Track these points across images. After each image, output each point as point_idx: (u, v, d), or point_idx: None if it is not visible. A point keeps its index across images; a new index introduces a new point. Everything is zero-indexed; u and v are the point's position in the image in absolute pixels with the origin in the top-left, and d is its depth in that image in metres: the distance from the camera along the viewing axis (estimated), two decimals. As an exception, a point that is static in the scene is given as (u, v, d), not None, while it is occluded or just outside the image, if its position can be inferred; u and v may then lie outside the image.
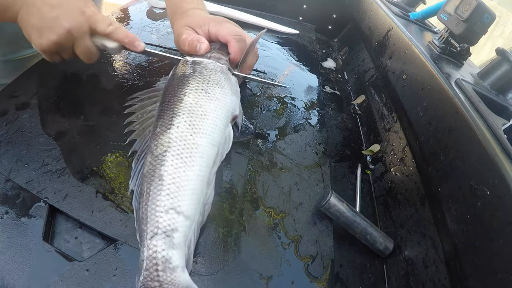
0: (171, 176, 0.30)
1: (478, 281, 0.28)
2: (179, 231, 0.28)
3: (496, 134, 0.34)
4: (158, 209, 0.29)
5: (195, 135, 0.33)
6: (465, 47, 0.54)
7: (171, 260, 0.26)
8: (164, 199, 0.29)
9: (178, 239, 0.28)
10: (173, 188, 0.30)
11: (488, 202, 0.29)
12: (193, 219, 0.30)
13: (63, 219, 0.31)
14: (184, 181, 0.30)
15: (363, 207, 0.46)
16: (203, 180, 0.32)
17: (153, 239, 0.27)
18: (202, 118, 0.35)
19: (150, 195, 0.29)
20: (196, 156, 0.32)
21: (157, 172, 0.30)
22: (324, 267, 0.33)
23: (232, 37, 0.45)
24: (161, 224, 0.28)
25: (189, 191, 0.30)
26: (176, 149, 0.32)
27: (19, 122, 0.38)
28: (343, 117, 0.64)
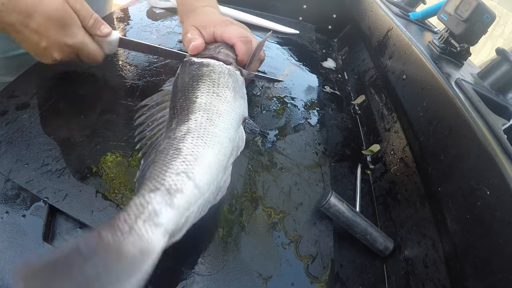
0: (189, 150, 0.29)
1: (478, 281, 0.28)
2: (183, 193, 0.26)
3: (496, 134, 0.34)
4: (169, 170, 0.27)
5: (213, 126, 0.33)
6: (465, 47, 0.54)
7: (160, 215, 0.24)
8: (178, 164, 0.28)
9: (179, 200, 0.25)
10: (190, 158, 0.29)
11: (488, 202, 0.29)
12: (202, 192, 0.28)
13: (63, 219, 0.31)
14: (202, 155, 0.29)
15: (363, 207, 0.46)
16: (221, 163, 0.31)
17: (152, 192, 0.25)
18: (218, 116, 0.35)
19: (164, 160, 0.28)
20: (215, 141, 0.32)
21: (175, 146, 0.29)
22: (324, 267, 0.33)
23: (238, 39, 0.44)
24: (167, 182, 0.26)
25: (206, 165, 0.29)
26: (196, 133, 0.31)
27: (19, 122, 0.38)
28: (343, 117, 0.64)
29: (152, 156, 0.31)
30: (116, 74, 0.49)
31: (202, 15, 0.49)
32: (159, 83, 0.47)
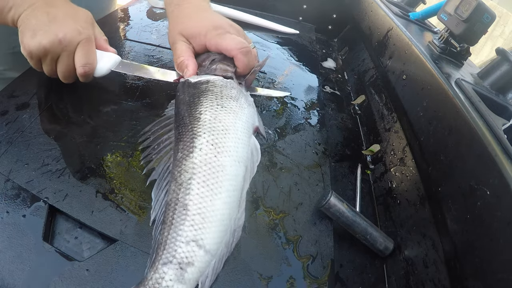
0: (196, 206, 0.29)
1: (478, 281, 0.28)
2: (194, 266, 0.27)
3: (496, 134, 0.34)
4: (179, 238, 0.27)
5: (219, 155, 0.31)
6: (465, 47, 0.54)
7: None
8: (187, 229, 0.28)
9: (190, 275, 0.26)
10: (198, 219, 0.28)
11: (488, 202, 0.29)
12: (214, 254, 0.28)
13: (63, 219, 0.31)
14: (210, 211, 0.29)
15: (363, 207, 0.46)
16: (232, 206, 0.30)
17: (165, 266, 0.26)
18: (224, 133, 0.33)
19: (173, 223, 0.28)
20: (223, 180, 0.30)
21: (181, 201, 0.29)
22: (324, 267, 0.33)
23: (238, 51, 0.42)
24: (178, 254, 0.26)
25: (216, 222, 0.29)
26: (201, 175, 0.30)
27: (19, 122, 0.38)
28: (343, 117, 0.64)
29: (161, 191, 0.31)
30: (116, 74, 0.49)
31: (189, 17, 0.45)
32: (159, 83, 0.47)
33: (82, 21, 0.40)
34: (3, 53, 0.58)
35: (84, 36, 0.39)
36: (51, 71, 0.40)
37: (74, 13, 0.40)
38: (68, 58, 0.39)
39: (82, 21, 0.40)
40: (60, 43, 0.37)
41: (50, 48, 0.37)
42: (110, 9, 0.71)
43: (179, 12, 0.46)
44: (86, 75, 0.40)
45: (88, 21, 0.41)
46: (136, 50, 0.56)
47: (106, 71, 0.42)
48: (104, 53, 0.43)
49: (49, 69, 0.40)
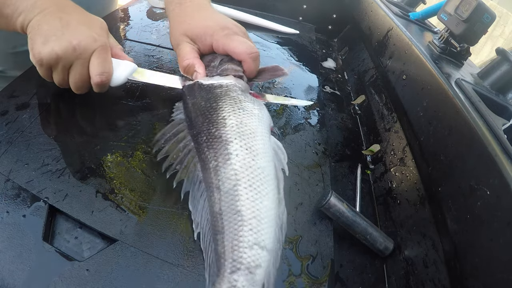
0: (250, 210, 0.29)
1: (478, 281, 0.28)
2: (262, 267, 0.27)
3: (496, 134, 0.34)
4: (241, 244, 0.27)
5: (256, 158, 0.32)
6: (465, 47, 0.54)
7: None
8: (247, 234, 0.28)
9: (260, 276, 0.27)
10: (255, 222, 0.28)
11: (488, 202, 0.29)
12: (274, 252, 0.29)
13: (63, 219, 0.31)
14: (263, 212, 0.29)
15: (363, 207, 0.46)
16: (276, 203, 0.31)
17: (234, 274, 0.26)
18: (253, 137, 0.33)
19: (231, 231, 0.28)
20: (266, 181, 0.31)
21: (233, 208, 0.29)
22: (324, 267, 0.33)
23: (248, 56, 0.41)
24: (245, 260, 0.27)
25: (269, 222, 0.29)
26: (246, 180, 0.30)
27: (19, 122, 0.38)
28: (343, 117, 0.64)
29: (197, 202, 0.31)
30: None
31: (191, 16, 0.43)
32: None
33: (97, 28, 0.39)
34: (5, 52, 0.58)
35: (100, 44, 0.37)
36: (62, 80, 0.38)
37: (88, 20, 0.39)
38: (82, 67, 0.37)
39: (97, 28, 0.39)
40: (74, 51, 0.35)
41: (63, 55, 0.35)
42: (111, 9, 0.71)
43: (180, 11, 0.45)
44: (103, 85, 0.38)
45: (103, 28, 0.40)
46: (136, 50, 0.56)
47: (123, 80, 0.40)
48: (120, 61, 0.41)
49: (60, 78, 0.37)
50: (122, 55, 0.42)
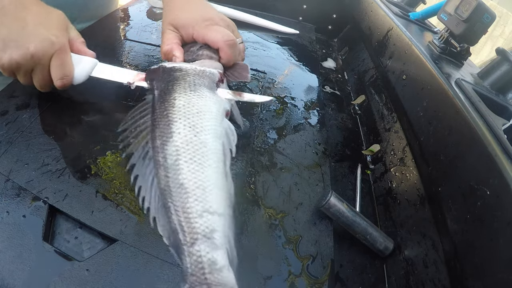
0: (192, 181, 0.30)
1: (478, 281, 0.28)
2: (218, 231, 0.28)
3: (496, 134, 0.34)
4: (191, 215, 0.28)
5: (199, 134, 0.33)
6: (465, 47, 0.54)
7: (216, 261, 0.27)
8: (193, 205, 0.29)
9: (219, 239, 0.28)
10: (199, 192, 0.29)
11: (488, 202, 0.29)
12: (226, 215, 0.30)
13: (63, 219, 0.31)
14: (206, 182, 0.30)
15: (363, 207, 0.46)
16: (222, 174, 0.32)
17: (195, 245, 0.27)
18: (199, 116, 0.35)
19: (178, 205, 0.29)
20: (208, 154, 0.32)
21: (177, 182, 0.30)
22: (324, 267, 0.33)
23: (223, 43, 0.41)
24: (199, 229, 0.27)
25: (214, 189, 0.30)
26: (186, 154, 0.31)
27: (19, 122, 0.38)
28: (343, 117, 0.64)
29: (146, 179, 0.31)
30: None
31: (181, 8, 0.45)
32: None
33: (55, 27, 0.38)
34: None
35: (58, 47, 0.37)
36: (26, 82, 0.38)
37: (46, 17, 0.38)
38: (42, 71, 0.37)
39: (55, 28, 0.38)
40: (32, 58, 0.35)
41: (22, 62, 0.36)
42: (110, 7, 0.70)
43: (173, 4, 0.46)
44: (64, 87, 0.39)
45: (61, 26, 0.39)
46: (136, 50, 0.56)
47: (85, 77, 0.40)
48: (82, 57, 0.41)
49: (24, 81, 0.38)
50: (84, 50, 0.42)
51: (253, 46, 0.68)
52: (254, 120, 0.48)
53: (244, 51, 0.47)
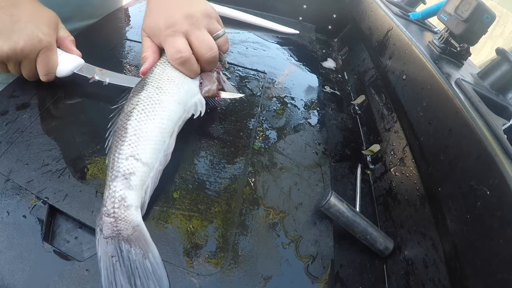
0: (133, 128, 0.34)
1: (478, 281, 0.28)
2: (136, 175, 0.31)
3: (496, 134, 0.34)
4: (120, 156, 0.32)
5: (160, 94, 0.37)
6: (465, 47, 0.54)
7: (126, 199, 0.30)
8: (125, 148, 0.33)
9: (134, 182, 0.31)
10: (134, 138, 0.33)
11: (488, 202, 0.29)
12: (151, 167, 0.33)
13: (63, 219, 0.31)
14: (144, 132, 0.34)
15: (363, 207, 0.46)
16: (164, 131, 0.36)
17: (113, 181, 0.31)
18: (169, 81, 0.39)
19: (116, 146, 0.33)
20: (159, 111, 0.36)
21: (123, 126, 0.34)
22: (324, 267, 0.33)
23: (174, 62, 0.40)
24: (121, 169, 0.31)
25: (149, 141, 0.34)
26: (141, 105, 0.36)
27: (19, 122, 0.38)
28: (343, 117, 0.64)
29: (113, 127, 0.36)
30: (116, 74, 0.49)
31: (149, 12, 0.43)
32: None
33: (44, 25, 0.40)
34: None
35: (45, 44, 0.39)
36: (15, 72, 0.41)
37: (37, 16, 0.40)
38: (29, 65, 0.40)
39: (44, 26, 0.40)
40: (21, 52, 0.38)
41: (11, 55, 0.38)
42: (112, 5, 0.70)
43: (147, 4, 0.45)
44: (47, 80, 0.42)
45: (51, 24, 0.41)
46: (136, 50, 0.56)
47: (68, 73, 0.43)
48: (68, 55, 0.43)
49: (13, 71, 0.41)
50: (72, 48, 0.44)
51: (253, 46, 0.68)
52: (254, 120, 0.48)
53: (227, 42, 0.45)
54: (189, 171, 0.38)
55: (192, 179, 0.37)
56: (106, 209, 0.29)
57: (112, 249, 0.27)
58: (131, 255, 0.27)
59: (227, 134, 0.44)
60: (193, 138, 0.42)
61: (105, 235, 0.28)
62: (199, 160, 0.40)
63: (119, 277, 0.26)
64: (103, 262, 0.27)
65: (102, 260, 0.27)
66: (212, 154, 0.41)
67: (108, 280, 0.26)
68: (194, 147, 0.41)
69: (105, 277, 0.26)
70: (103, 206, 0.30)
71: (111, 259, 0.27)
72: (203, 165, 0.39)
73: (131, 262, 0.27)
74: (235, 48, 0.65)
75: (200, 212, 0.34)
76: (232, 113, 0.43)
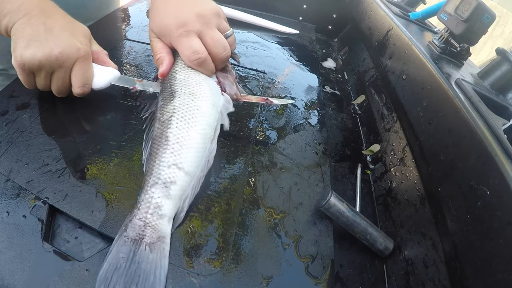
0: (175, 136, 0.34)
1: (478, 281, 0.28)
2: (177, 184, 0.31)
3: (496, 134, 0.34)
4: (161, 164, 0.32)
5: (195, 99, 0.37)
6: (465, 47, 0.54)
7: (162, 208, 0.30)
8: (168, 156, 0.32)
9: (174, 191, 0.31)
10: (177, 147, 0.33)
11: (488, 202, 0.29)
12: (193, 176, 0.33)
13: (63, 219, 0.31)
14: (187, 140, 0.34)
15: (363, 207, 0.46)
16: (206, 137, 0.36)
17: (153, 187, 0.31)
18: (199, 86, 0.39)
19: (157, 153, 0.33)
20: (198, 117, 0.36)
21: (164, 134, 0.34)
22: (324, 267, 0.33)
23: (192, 63, 0.40)
24: (162, 176, 0.31)
25: (191, 149, 0.34)
26: (180, 113, 0.36)
27: (19, 122, 0.38)
28: (343, 117, 0.64)
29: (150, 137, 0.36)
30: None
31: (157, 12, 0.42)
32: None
33: (81, 35, 0.39)
34: (6, 51, 0.57)
35: (83, 53, 0.37)
36: (44, 85, 0.38)
37: (72, 27, 0.39)
38: (64, 75, 0.37)
39: (81, 36, 0.39)
40: (56, 60, 0.36)
41: (45, 62, 0.35)
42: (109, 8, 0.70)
43: (152, 5, 0.44)
44: (83, 94, 0.39)
45: (86, 36, 0.40)
46: (136, 50, 0.56)
47: (105, 84, 0.41)
48: (104, 67, 0.42)
49: (42, 84, 0.38)
50: (107, 61, 0.43)
51: (253, 46, 0.68)
52: (254, 120, 0.48)
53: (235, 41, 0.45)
54: (189, 171, 0.38)
55: (192, 179, 0.37)
56: (139, 212, 0.29)
57: (126, 250, 0.27)
58: (141, 262, 0.27)
59: (227, 134, 0.44)
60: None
61: (127, 235, 0.28)
62: (199, 160, 0.39)
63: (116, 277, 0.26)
64: (110, 257, 0.27)
65: (110, 255, 0.27)
66: (212, 154, 0.41)
67: (105, 275, 0.26)
68: (194, 147, 0.41)
69: (104, 271, 0.26)
70: (137, 208, 0.30)
71: (120, 258, 0.27)
72: (203, 165, 0.39)
73: (137, 268, 0.27)
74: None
75: (200, 212, 0.34)
76: (232, 113, 0.43)
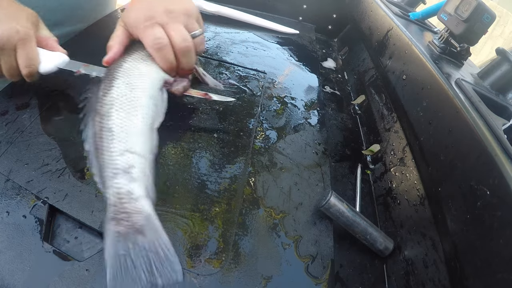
0: (118, 126, 0.34)
1: (478, 281, 0.28)
2: (136, 167, 0.32)
3: (496, 134, 0.34)
4: (114, 154, 0.32)
5: (134, 91, 0.37)
6: (465, 47, 0.54)
7: (133, 191, 0.30)
8: (117, 145, 0.33)
9: (136, 173, 0.31)
10: (123, 135, 0.33)
11: (488, 202, 0.29)
12: (146, 158, 0.33)
13: (63, 219, 0.31)
14: (132, 127, 0.34)
15: (363, 207, 0.46)
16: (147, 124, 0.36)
17: (115, 178, 0.30)
18: (139, 77, 0.39)
19: (104, 146, 0.33)
20: (137, 106, 0.36)
21: (106, 127, 0.34)
22: (324, 267, 0.33)
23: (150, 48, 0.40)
24: (119, 165, 0.31)
25: (138, 134, 0.34)
26: (119, 104, 0.36)
27: (19, 122, 0.38)
28: (343, 117, 0.64)
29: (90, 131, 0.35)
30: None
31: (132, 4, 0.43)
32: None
33: (23, 20, 0.39)
34: None
35: (22, 35, 0.38)
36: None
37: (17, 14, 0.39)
38: (9, 58, 0.38)
39: (23, 20, 0.39)
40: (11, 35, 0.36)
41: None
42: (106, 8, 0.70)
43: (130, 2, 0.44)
44: (30, 75, 0.39)
45: (30, 20, 0.40)
46: (136, 50, 0.56)
47: (52, 68, 0.41)
48: (52, 52, 0.42)
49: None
50: (56, 47, 0.43)
51: (253, 46, 0.68)
52: (254, 120, 0.48)
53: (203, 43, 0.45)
54: (189, 171, 0.38)
55: (192, 179, 0.37)
56: (117, 208, 0.29)
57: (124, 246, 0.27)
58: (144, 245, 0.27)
59: (227, 134, 0.44)
60: (193, 138, 0.42)
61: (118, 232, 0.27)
62: (199, 160, 0.40)
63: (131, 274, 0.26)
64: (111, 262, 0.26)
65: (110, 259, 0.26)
66: (212, 154, 0.41)
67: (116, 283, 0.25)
68: (194, 147, 0.41)
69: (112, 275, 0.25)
70: (111, 206, 0.29)
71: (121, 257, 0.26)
72: (203, 165, 0.39)
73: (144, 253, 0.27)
74: (235, 48, 0.65)
75: (200, 212, 0.34)
76: (232, 113, 0.43)
